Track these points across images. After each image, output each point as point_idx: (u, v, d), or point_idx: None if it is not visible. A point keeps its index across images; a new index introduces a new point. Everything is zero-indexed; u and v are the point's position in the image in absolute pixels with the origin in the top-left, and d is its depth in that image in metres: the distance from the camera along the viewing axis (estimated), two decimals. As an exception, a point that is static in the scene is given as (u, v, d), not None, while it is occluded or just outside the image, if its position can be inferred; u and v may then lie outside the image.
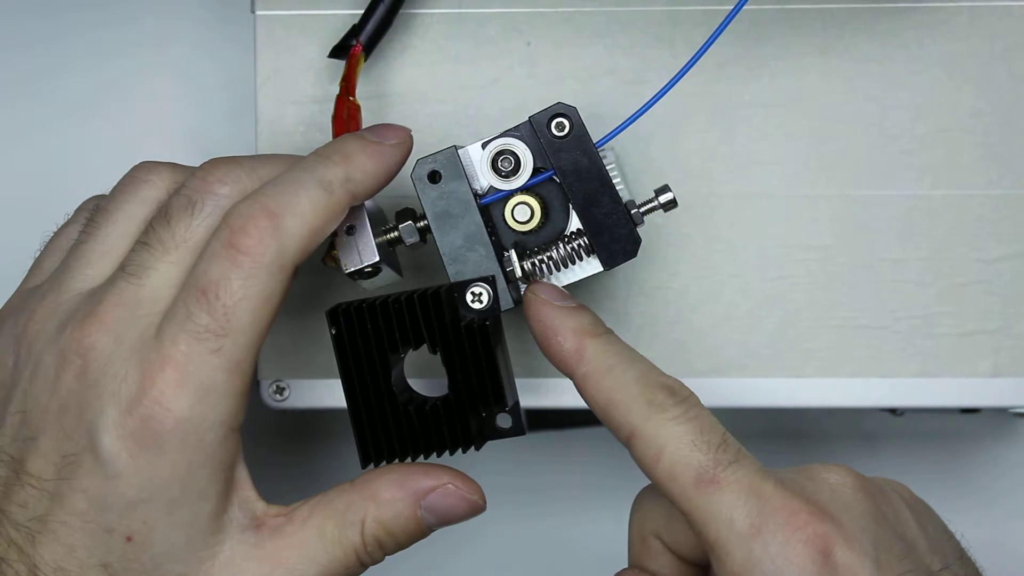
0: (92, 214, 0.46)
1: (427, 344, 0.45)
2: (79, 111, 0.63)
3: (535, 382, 0.52)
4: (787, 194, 0.52)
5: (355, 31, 0.51)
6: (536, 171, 0.46)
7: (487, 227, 0.46)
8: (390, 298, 0.45)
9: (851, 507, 0.41)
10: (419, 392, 0.46)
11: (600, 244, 0.46)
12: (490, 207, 0.46)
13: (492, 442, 0.45)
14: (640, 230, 0.46)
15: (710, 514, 0.41)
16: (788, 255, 0.53)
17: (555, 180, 0.46)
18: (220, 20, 0.62)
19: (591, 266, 0.46)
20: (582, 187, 0.46)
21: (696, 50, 0.46)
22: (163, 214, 0.44)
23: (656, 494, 0.45)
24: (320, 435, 0.64)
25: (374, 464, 0.45)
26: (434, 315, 0.45)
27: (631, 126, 0.46)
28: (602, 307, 0.52)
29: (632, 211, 0.46)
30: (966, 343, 0.52)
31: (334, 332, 0.45)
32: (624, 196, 0.46)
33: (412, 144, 0.46)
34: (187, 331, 0.41)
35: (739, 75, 0.52)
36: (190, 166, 0.46)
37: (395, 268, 0.48)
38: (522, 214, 0.46)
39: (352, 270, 0.46)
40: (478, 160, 0.46)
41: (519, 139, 0.46)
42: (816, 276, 0.53)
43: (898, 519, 0.42)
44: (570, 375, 0.44)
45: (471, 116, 0.53)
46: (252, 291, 0.42)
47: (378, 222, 0.47)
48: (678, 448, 0.41)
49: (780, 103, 0.52)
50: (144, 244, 0.43)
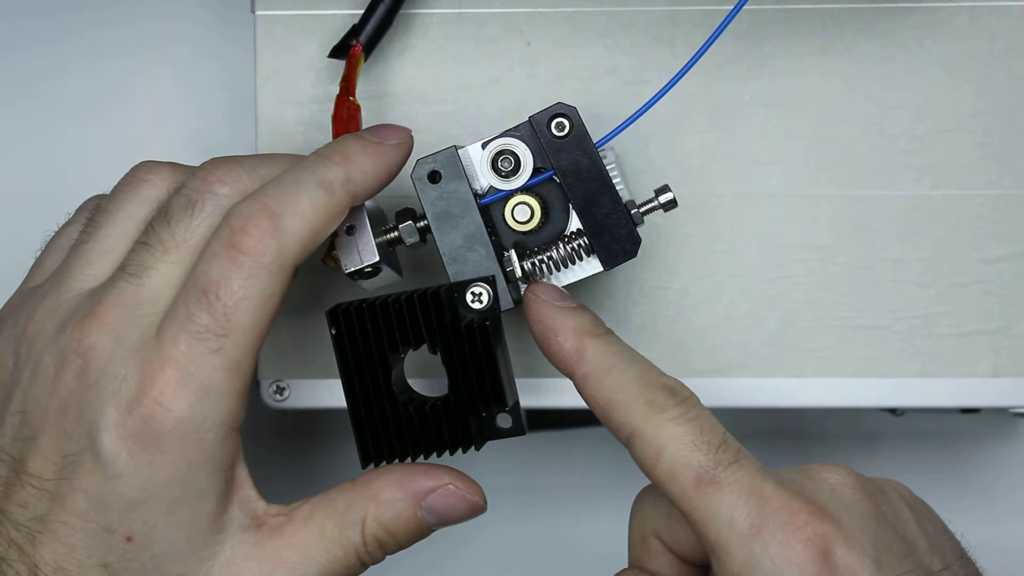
0: (93, 214, 0.46)
1: (427, 344, 0.45)
2: (79, 111, 0.63)
3: (535, 382, 0.52)
4: (787, 194, 0.52)
5: (355, 31, 0.50)
6: (536, 171, 0.46)
7: (487, 227, 0.46)
8: (390, 298, 0.45)
9: (851, 507, 0.41)
10: (419, 392, 0.46)
11: (600, 244, 0.46)
12: (490, 207, 0.46)
13: (492, 442, 0.45)
14: (640, 230, 0.46)
15: (710, 514, 0.41)
16: (788, 255, 0.52)
17: (555, 180, 0.46)
18: (220, 20, 0.62)
19: (591, 266, 0.46)
20: (582, 187, 0.46)
21: (696, 50, 0.46)
22: (163, 214, 0.44)
23: (656, 494, 0.45)
24: (320, 435, 0.64)
25: (374, 464, 0.45)
26: (434, 315, 0.45)
27: (631, 126, 0.46)
28: (602, 307, 0.52)
29: (632, 211, 0.46)
30: (966, 343, 0.52)
31: (334, 332, 0.45)
32: (624, 196, 0.46)
33: (412, 144, 0.46)
34: (187, 331, 0.41)
35: (739, 75, 0.52)
36: (190, 166, 0.46)
37: (395, 268, 0.48)
38: (522, 214, 0.46)
39: (352, 270, 0.46)
40: (478, 160, 0.46)
41: (519, 139, 0.46)
42: (816, 276, 0.52)
43: (898, 519, 0.42)
44: (570, 375, 0.44)
45: (471, 116, 0.53)
46: (252, 291, 0.42)
47: (378, 222, 0.47)
48: (678, 448, 0.41)
49: (780, 103, 0.52)
50: (144, 244, 0.43)
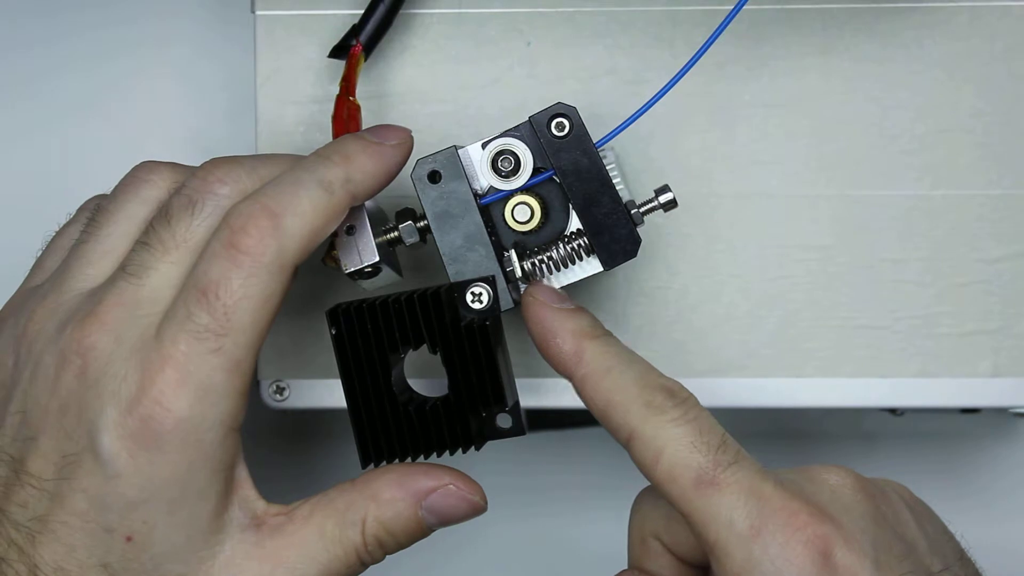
0: (93, 214, 0.46)
1: (427, 344, 0.45)
2: (79, 111, 0.63)
3: (535, 382, 0.52)
4: (787, 194, 0.52)
5: (355, 31, 0.50)
6: (536, 171, 0.46)
7: (487, 227, 0.46)
8: (390, 298, 0.45)
9: (851, 508, 0.41)
10: (419, 392, 0.46)
11: (600, 244, 0.46)
12: (490, 207, 0.46)
13: (492, 442, 0.45)
14: (640, 230, 0.46)
15: (710, 515, 0.41)
16: (788, 255, 0.52)
17: (555, 180, 0.46)
18: (220, 20, 0.62)
19: (591, 266, 0.46)
20: (582, 187, 0.46)
21: (696, 50, 0.46)
22: (163, 214, 0.44)
23: (656, 495, 0.45)
24: (320, 435, 0.64)
25: (374, 464, 0.45)
26: (434, 315, 0.45)
27: (631, 126, 0.46)
28: (602, 307, 0.52)
29: (632, 211, 0.46)
30: (966, 343, 0.52)
31: (334, 332, 0.45)
32: (624, 196, 0.46)
33: (412, 145, 0.46)
34: (187, 331, 0.41)
35: (739, 75, 0.52)
36: (191, 166, 0.46)
37: (395, 268, 0.48)
38: (522, 214, 0.46)
39: (352, 270, 0.46)
40: (478, 160, 0.46)
41: (519, 139, 0.46)
42: (816, 276, 0.52)
43: (898, 520, 0.42)
44: (569, 377, 0.44)
45: (471, 116, 0.53)
46: (252, 291, 0.42)
47: (378, 222, 0.47)
48: (677, 450, 0.41)
49: (780, 103, 0.52)
50: (144, 244, 0.43)
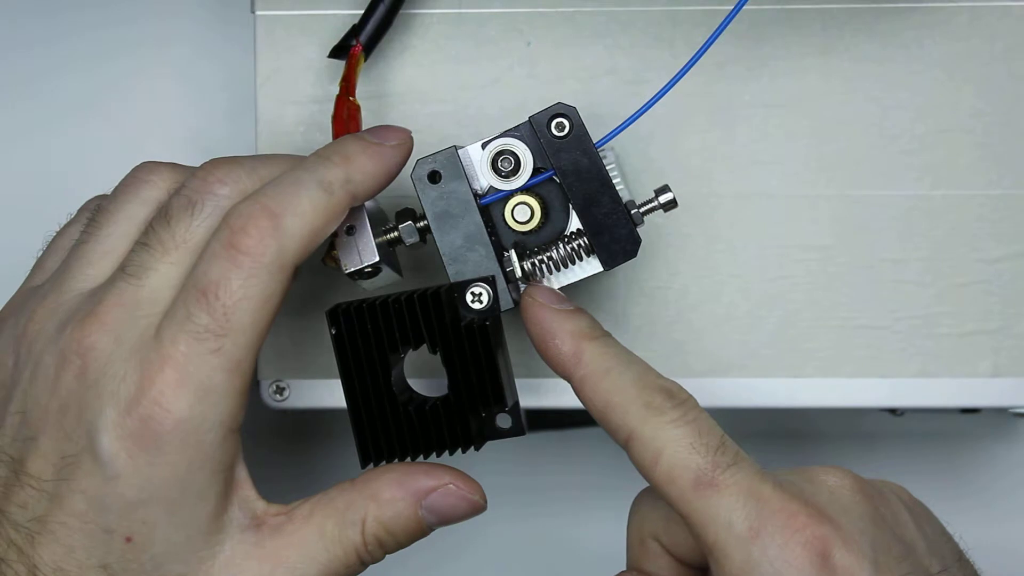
0: (93, 214, 0.46)
1: (427, 344, 0.45)
2: (79, 111, 0.63)
3: (535, 382, 0.52)
4: (787, 194, 0.52)
5: (355, 31, 0.50)
6: (536, 171, 0.46)
7: (487, 227, 0.46)
8: (390, 298, 0.45)
9: (850, 509, 0.41)
10: (419, 392, 0.46)
11: (600, 244, 0.46)
12: (490, 207, 0.46)
13: (492, 442, 0.45)
14: (640, 230, 0.46)
15: (709, 517, 0.41)
16: (788, 255, 0.52)
17: (555, 180, 0.46)
18: (220, 20, 0.62)
19: (591, 266, 0.46)
20: (582, 187, 0.46)
21: (696, 50, 0.46)
22: (163, 215, 0.44)
23: (654, 496, 0.45)
24: (320, 435, 0.64)
25: (373, 464, 0.45)
26: (434, 315, 0.45)
27: (631, 126, 0.46)
28: (602, 307, 0.52)
29: (632, 211, 0.46)
30: (966, 343, 0.52)
31: (334, 332, 0.45)
32: (624, 196, 0.46)
33: (412, 145, 0.46)
34: (187, 331, 0.41)
35: (739, 75, 0.52)
36: (191, 166, 0.46)
37: (395, 268, 0.48)
38: (522, 214, 0.46)
39: (352, 270, 0.46)
40: (478, 160, 0.46)
41: (519, 139, 0.46)
42: (816, 276, 0.52)
43: (897, 521, 0.42)
44: (568, 378, 0.44)
45: (471, 116, 0.53)
46: (252, 291, 0.42)
47: (378, 222, 0.47)
48: (676, 451, 0.41)
49: (780, 103, 0.52)
50: (144, 245, 0.43)
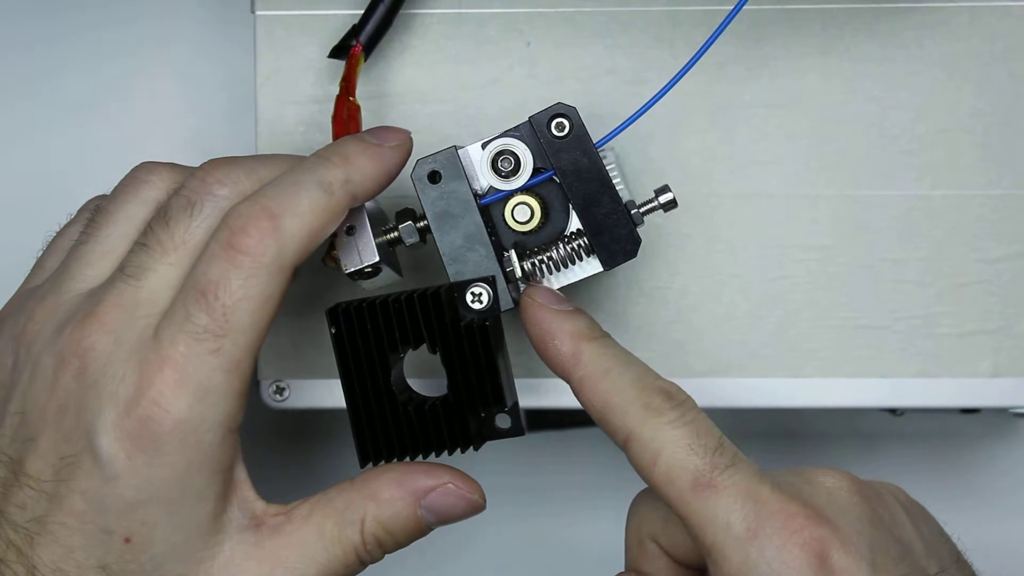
0: (93, 214, 0.46)
1: (427, 344, 0.45)
2: (79, 111, 0.63)
3: (535, 382, 0.52)
4: (787, 194, 0.52)
5: (355, 31, 0.50)
6: (536, 171, 0.46)
7: (487, 227, 0.46)
8: (390, 298, 0.45)
9: (847, 510, 0.41)
10: (418, 392, 0.46)
11: (600, 244, 0.46)
12: (490, 207, 0.46)
13: (492, 442, 0.45)
14: (640, 230, 0.46)
15: (707, 518, 0.41)
16: (788, 255, 0.52)
17: (555, 180, 0.46)
18: (220, 20, 0.62)
19: (591, 266, 0.46)
20: (582, 187, 0.46)
21: (696, 50, 0.46)
22: (162, 215, 0.44)
23: (653, 497, 0.45)
24: (320, 435, 0.64)
25: (372, 464, 0.45)
26: (434, 315, 0.45)
27: (631, 126, 0.46)
28: (602, 307, 0.52)
29: (632, 211, 0.46)
30: (966, 343, 0.52)
31: (334, 331, 0.45)
32: (624, 196, 0.46)
33: (412, 146, 0.46)
34: (186, 331, 0.41)
35: (739, 75, 0.52)
36: (191, 167, 0.46)
37: (395, 268, 0.48)
38: (522, 214, 0.46)
39: (352, 270, 0.46)
40: (478, 160, 0.46)
41: (519, 139, 0.46)
42: (816, 276, 0.52)
43: (894, 522, 0.42)
44: (567, 379, 0.44)
45: (471, 116, 0.53)
46: (251, 291, 0.42)
47: (378, 222, 0.47)
48: (675, 452, 0.41)
49: (780, 103, 0.52)
50: (143, 245, 0.43)
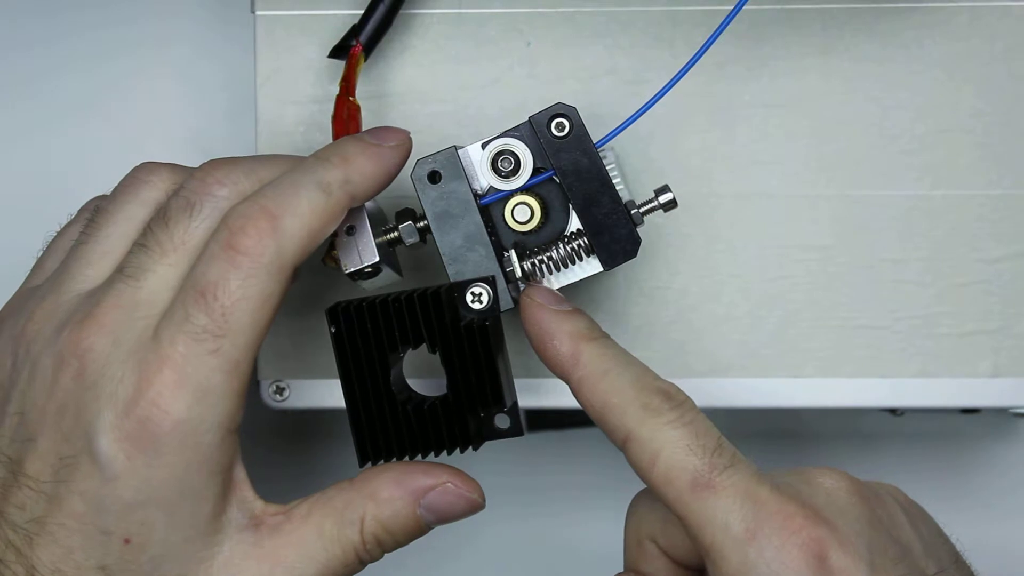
0: (93, 215, 0.46)
1: (426, 344, 0.45)
2: (79, 111, 0.63)
3: (534, 382, 0.52)
4: (787, 194, 0.52)
5: (355, 31, 0.50)
6: (536, 171, 0.46)
7: (487, 227, 0.46)
8: (390, 297, 0.45)
9: (846, 511, 0.41)
10: (418, 392, 0.46)
11: (600, 244, 0.46)
12: (490, 207, 0.46)
13: (491, 442, 0.45)
14: (640, 230, 0.46)
15: (706, 518, 0.41)
16: (788, 255, 0.52)
17: (555, 180, 0.46)
18: (220, 20, 0.62)
19: (591, 266, 0.46)
20: (582, 187, 0.46)
21: (696, 50, 0.46)
22: (161, 216, 0.44)
23: (652, 498, 0.45)
24: (320, 435, 0.64)
25: (372, 463, 0.45)
26: (434, 315, 0.45)
27: (631, 126, 0.46)
28: (601, 307, 0.52)
29: (632, 211, 0.46)
30: (966, 343, 0.52)
31: (333, 330, 0.45)
32: (624, 196, 0.46)
33: (411, 146, 0.46)
34: (185, 332, 0.41)
35: (739, 75, 0.52)
36: (191, 167, 0.46)
37: (395, 268, 0.48)
38: (522, 214, 0.46)
39: (352, 270, 0.46)
40: (478, 160, 0.46)
41: (519, 139, 0.46)
42: (816, 276, 0.52)
43: (893, 523, 0.42)
44: (566, 379, 0.44)
45: (471, 116, 0.53)
46: (251, 291, 0.42)
47: (378, 222, 0.47)
48: (674, 452, 0.41)
49: (780, 103, 0.52)
50: (142, 246, 0.43)
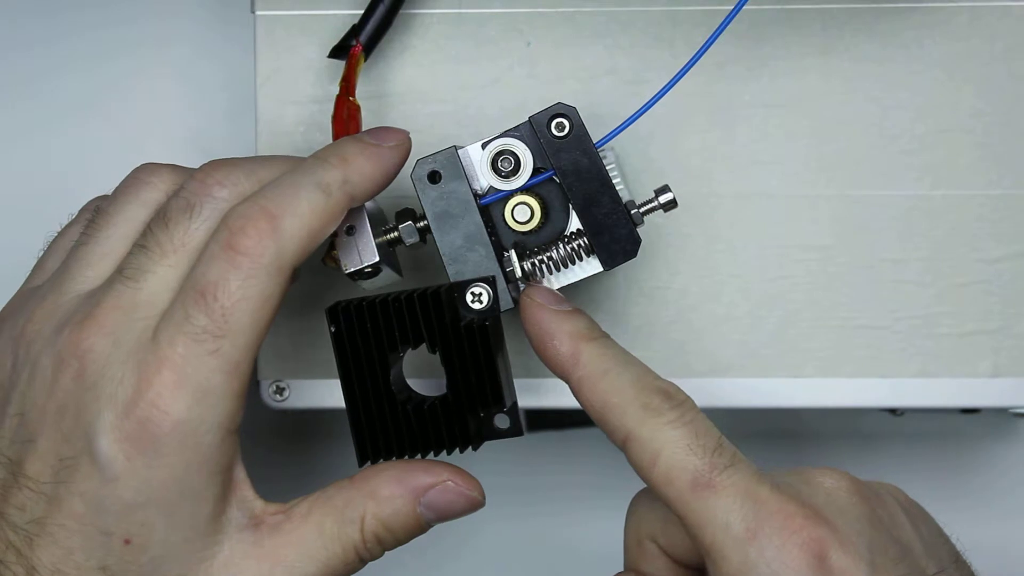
0: (93, 215, 0.46)
1: (426, 344, 0.45)
2: (79, 111, 0.63)
3: (534, 382, 0.52)
4: (787, 194, 0.52)
5: (355, 31, 0.50)
6: (536, 171, 0.46)
7: (487, 227, 0.46)
8: (390, 297, 0.45)
9: (846, 511, 0.41)
10: (418, 392, 0.46)
11: (600, 244, 0.46)
12: (490, 207, 0.46)
13: (491, 442, 0.45)
14: (640, 230, 0.46)
15: (706, 518, 0.41)
16: (788, 255, 0.52)
17: (555, 180, 0.46)
18: (220, 20, 0.62)
19: (591, 266, 0.46)
20: (582, 187, 0.46)
21: (696, 50, 0.46)
22: (161, 217, 0.44)
23: (652, 498, 0.45)
24: (320, 435, 0.64)
25: (371, 463, 0.45)
26: (434, 315, 0.45)
27: (631, 126, 0.46)
28: (601, 307, 0.52)
29: (632, 211, 0.46)
30: (966, 343, 0.52)
31: (333, 330, 0.45)
32: (624, 196, 0.46)
33: (410, 147, 0.46)
34: (185, 332, 0.41)
35: (739, 75, 0.52)
36: (192, 168, 0.46)
37: (395, 268, 0.48)
38: (522, 214, 0.46)
39: (352, 270, 0.46)
40: (478, 160, 0.46)
41: (519, 139, 0.46)
42: (816, 276, 0.52)
43: (893, 522, 0.42)
44: (566, 379, 0.44)
45: (471, 116, 0.53)
46: (251, 292, 0.42)
47: (378, 222, 0.47)
48: (674, 452, 0.41)
49: (780, 103, 0.52)
50: (142, 247, 0.43)
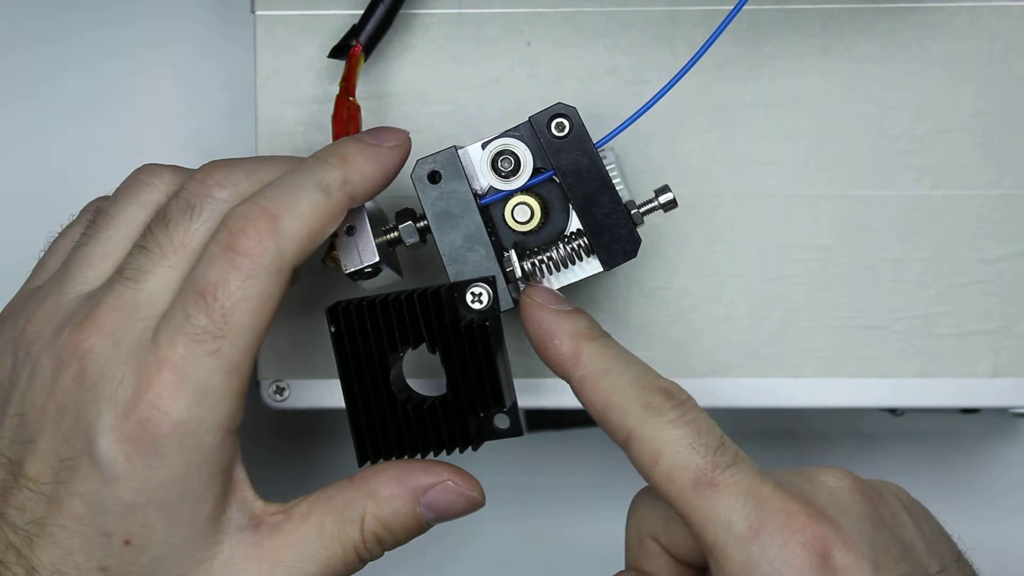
0: (94, 216, 0.46)
1: (426, 344, 0.45)
2: (79, 111, 0.63)
3: (534, 382, 0.52)
4: (787, 194, 0.52)
5: (355, 31, 0.50)
6: (536, 171, 0.46)
7: (487, 227, 0.46)
8: (390, 297, 0.45)
9: (849, 509, 0.41)
10: (418, 392, 0.46)
11: (600, 244, 0.46)
12: (490, 207, 0.46)
13: (491, 442, 0.45)
14: (640, 230, 0.46)
15: (708, 517, 0.41)
16: (788, 255, 0.52)
17: (555, 180, 0.46)
18: (220, 20, 0.62)
19: (591, 266, 0.46)
20: (582, 187, 0.46)
21: (696, 50, 0.46)
22: (161, 218, 0.44)
23: (653, 496, 0.45)
24: (320, 435, 0.64)
25: (371, 462, 0.45)
26: (434, 315, 0.45)
27: (631, 126, 0.46)
28: (601, 307, 0.52)
29: (632, 211, 0.46)
30: (966, 343, 0.52)
31: (333, 330, 0.45)
32: (624, 196, 0.46)
33: (410, 147, 0.46)
34: (185, 333, 0.41)
35: (739, 75, 0.52)
36: (192, 169, 0.46)
37: (395, 268, 0.48)
38: (522, 214, 0.46)
39: (352, 270, 0.46)
40: (478, 160, 0.46)
41: (519, 139, 0.46)
42: (816, 276, 0.52)
43: (896, 521, 0.42)
44: (567, 379, 0.44)
45: (471, 116, 0.53)
46: (251, 292, 0.42)
47: (378, 222, 0.47)
48: (676, 451, 0.41)
49: (780, 103, 0.52)
50: (142, 248, 0.43)
